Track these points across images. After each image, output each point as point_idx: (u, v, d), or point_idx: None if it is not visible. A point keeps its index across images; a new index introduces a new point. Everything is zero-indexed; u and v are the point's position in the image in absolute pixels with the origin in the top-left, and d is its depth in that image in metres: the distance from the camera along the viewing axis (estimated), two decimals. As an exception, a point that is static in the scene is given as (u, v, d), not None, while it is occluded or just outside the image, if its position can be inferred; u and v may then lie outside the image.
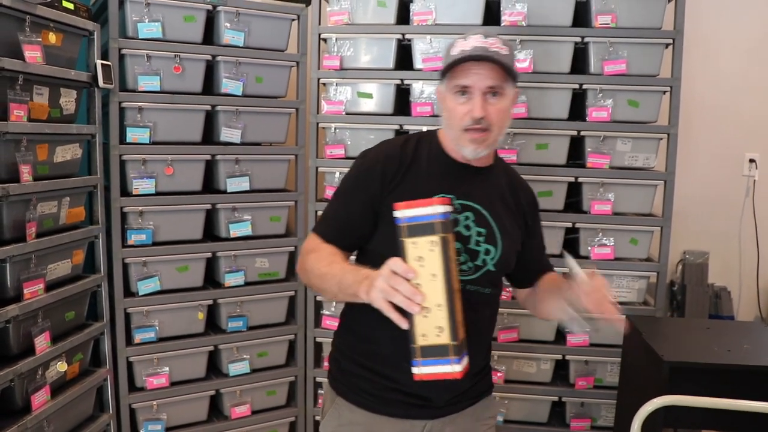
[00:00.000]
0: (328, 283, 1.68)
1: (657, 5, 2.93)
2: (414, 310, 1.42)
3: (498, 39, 1.71)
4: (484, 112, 1.67)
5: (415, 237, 1.44)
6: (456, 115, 1.71)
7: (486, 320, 1.88)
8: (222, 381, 3.10)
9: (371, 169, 1.78)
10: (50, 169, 2.51)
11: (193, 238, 3.03)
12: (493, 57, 1.66)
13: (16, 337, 2.29)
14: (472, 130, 1.69)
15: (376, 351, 1.78)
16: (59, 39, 2.51)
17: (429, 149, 1.82)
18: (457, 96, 1.71)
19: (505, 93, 1.71)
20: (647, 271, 3.03)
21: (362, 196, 1.77)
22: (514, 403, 3.12)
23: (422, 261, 1.43)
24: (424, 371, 1.45)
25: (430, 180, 1.76)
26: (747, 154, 3.58)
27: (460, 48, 1.70)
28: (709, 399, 1.97)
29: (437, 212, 1.43)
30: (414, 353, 1.45)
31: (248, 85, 3.03)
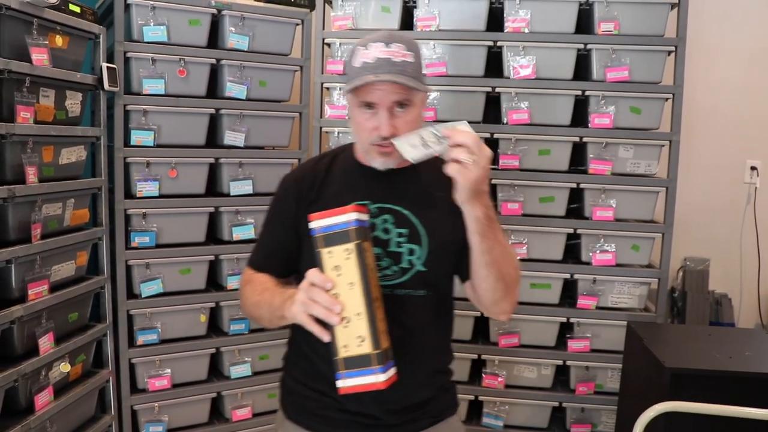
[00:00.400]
0: (261, 309, 1.67)
1: (660, 13, 2.94)
2: (333, 321, 1.39)
3: (401, 44, 1.61)
4: (392, 129, 1.59)
5: (330, 246, 1.41)
6: (363, 129, 1.64)
7: (427, 325, 1.73)
8: (223, 383, 3.11)
9: (286, 191, 1.78)
10: (55, 170, 2.52)
11: (196, 241, 3.04)
12: (396, 74, 1.56)
13: (21, 338, 2.29)
14: (380, 145, 1.62)
15: (316, 369, 1.71)
16: (65, 42, 2.52)
17: (344, 162, 1.78)
18: (363, 110, 1.63)
19: (413, 102, 1.63)
20: (648, 278, 3.04)
21: (282, 220, 1.77)
22: (515, 408, 3.13)
23: (339, 270, 1.41)
24: (348, 383, 1.41)
25: (345, 192, 1.71)
26: (748, 162, 3.59)
27: (362, 59, 1.60)
28: (711, 405, 1.97)
29: (351, 219, 1.41)
30: (337, 366, 1.41)
31: (252, 88, 3.04)
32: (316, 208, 1.65)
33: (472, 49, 3.02)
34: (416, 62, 1.63)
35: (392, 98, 1.59)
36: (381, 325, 1.43)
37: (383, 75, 1.56)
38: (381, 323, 1.43)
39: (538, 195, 3.03)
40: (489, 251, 1.54)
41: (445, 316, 1.81)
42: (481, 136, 2.97)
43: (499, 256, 1.56)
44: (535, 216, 3.04)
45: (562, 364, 3.10)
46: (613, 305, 3.05)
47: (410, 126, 1.61)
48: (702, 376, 2.32)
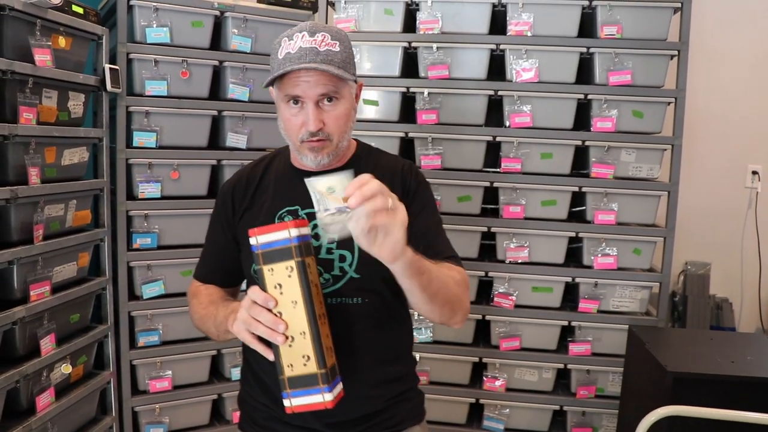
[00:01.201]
0: (207, 324, 1.64)
1: (663, 17, 2.94)
2: (277, 341, 1.34)
3: (327, 33, 1.52)
4: (320, 124, 1.52)
5: (271, 264, 1.35)
6: (291, 126, 1.56)
7: (367, 334, 1.63)
8: (224, 385, 3.10)
9: (223, 197, 1.74)
10: (58, 172, 2.52)
11: (198, 243, 3.01)
12: (320, 63, 1.48)
13: (22, 339, 2.29)
14: (310, 141, 1.55)
15: (261, 382, 1.68)
16: (68, 43, 2.52)
17: (278, 165, 1.73)
18: (290, 106, 1.55)
19: (342, 95, 1.55)
20: (650, 282, 3.04)
21: (221, 227, 1.73)
22: (515, 412, 3.12)
23: (281, 288, 1.36)
24: (294, 403, 1.37)
25: (276, 196, 1.66)
26: (750, 166, 3.59)
27: (286, 50, 1.51)
28: (713, 410, 1.97)
29: (292, 236, 1.35)
30: (282, 385, 1.37)
31: (255, 90, 3.05)
32: (249, 216, 1.67)
33: (474, 52, 3.02)
34: (343, 51, 1.54)
35: (318, 91, 1.51)
36: (326, 341, 1.39)
37: (305, 64, 1.48)
38: (326, 340, 1.39)
39: (540, 198, 3.03)
40: (425, 288, 1.40)
41: (393, 323, 1.70)
42: (484, 139, 3.01)
43: (437, 285, 1.44)
44: (537, 219, 3.04)
45: (563, 368, 3.10)
46: (614, 309, 3.05)
47: (339, 121, 1.55)
48: (704, 380, 2.32)
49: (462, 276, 1.57)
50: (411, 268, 1.34)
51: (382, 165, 1.69)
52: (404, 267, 1.33)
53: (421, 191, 1.69)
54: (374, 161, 1.71)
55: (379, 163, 1.71)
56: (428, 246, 1.57)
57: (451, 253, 1.64)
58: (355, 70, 1.62)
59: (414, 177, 1.69)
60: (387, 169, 1.67)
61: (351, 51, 1.59)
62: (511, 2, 2.98)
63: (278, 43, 1.55)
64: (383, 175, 1.58)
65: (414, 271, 1.35)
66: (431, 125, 3.04)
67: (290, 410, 1.37)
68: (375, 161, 1.71)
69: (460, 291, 1.53)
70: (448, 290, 1.48)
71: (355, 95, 1.63)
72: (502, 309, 3.05)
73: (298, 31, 1.52)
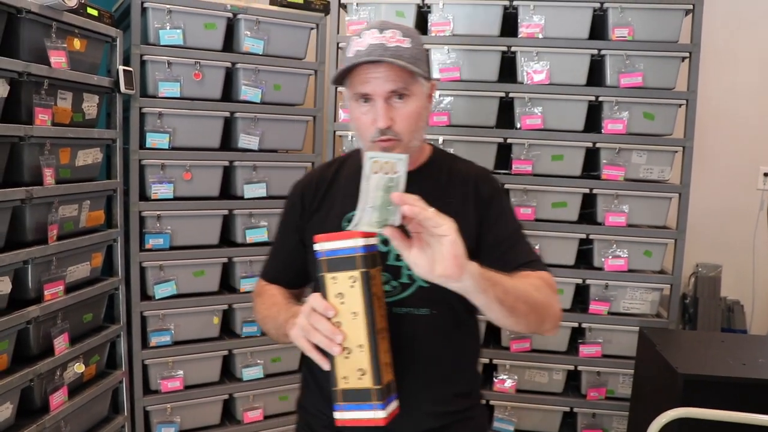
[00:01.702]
0: (269, 325, 1.63)
1: (674, 19, 2.95)
2: (333, 351, 1.30)
3: (398, 30, 1.49)
4: (389, 121, 1.47)
5: (334, 272, 1.31)
6: (362, 125, 1.52)
7: (432, 347, 1.57)
8: (235, 385, 3.12)
9: (293, 198, 1.72)
10: (72, 172, 2.54)
11: (210, 243, 3.05)
12: (388, 57, 1.44)
13: (36, 338, 2.31)
14: (380, 140, 1.49)
15: (322, 387, 1.62)
16: (83, 45, 2.55)
17: (350, 168, 1.68)
18: (360, 104, 1.51)
19: (413, 92, 1.50)
20: (660, 284, 3.04)
21: (290, 229, 1.71)
22: (526, 413, 3.13)
23: (343, 298, 1.32)
24: (345, 416, 1.33)
25: (346, 200, 1.60)
26: (762, 168, 3.58)
27: (355, 48, 1.49)
28: (724, 412, 1.97)
29: (358, 245, 1.30)
30: (335, 396, 1.33)
31: (267, 92, 3.06)
32: (318, 218, 1.63)
33: (485, 55, 3.03)
34: (414, 48, 1.49)
35: (388, 87, 1.47)
36: (384, 357, 1.34)
37: (373, 57, 1.45)
38: (384, 355, 1.35)
39: (550, 200, 3.04)
40: (501, 301, 1.31)
41: (460, 336, 1.63)
42: (495, 141, 3.02)
43: (514, 296, 1.34)
44: (548, 221, 3.05)
45: (574, 369, 3.10)
46: (625, 311, 3.05)
47: (410, 120, 1.50)
48: (715, 382, 2.32)
49: (545, 280, 1.48)
50: (481, 282, 1.26)
51: (455, 171, 1.64)
52: (473, 281, 1.24)
53: (497, 199, 1.62)
54: (448, 167, 1.65)
55: (453, 168, 1.65)
56: (506, 253, 1.54)
57: (531, 258, 1.56)
58: (429, 69, 1.57)
59: (489, 185, 1.63)
60: (460, 176, 1.63)
61: (422, 48, 1.54)
62: (522, 4, 2.99)
63: (349, 42, 1.53)
64: (457, 182, 1.61)
65: (485, 285, 1.27)
66: (442, 127, 3.05)
67: (340, 423, 1.34)
68: (449, 167, 1.65)
69: (545, 296, 1.43)
70: (529, 298, 1.38)
71: (428, 96, 1.58)
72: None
73: (368, 29, 1.50)
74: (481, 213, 1.57)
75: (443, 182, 1.61)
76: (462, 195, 1.58)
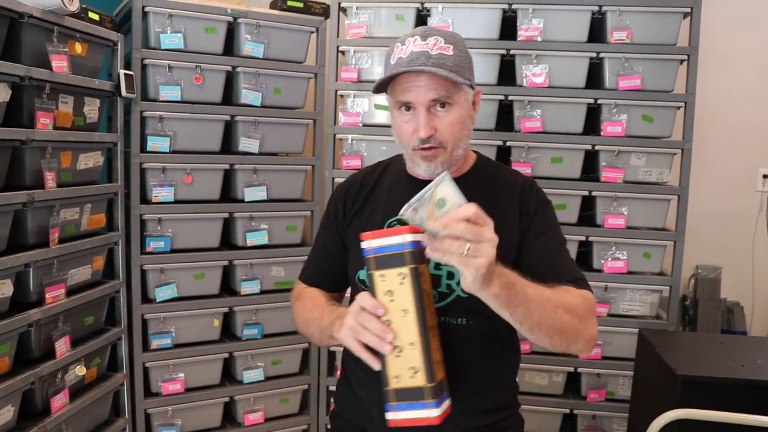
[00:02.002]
0: (311, 328, 1.61)
1: (672, 21, 2.96)
2: (385, 350, 1.29)
3: (440, 37, 1.49)
4: (431, 131, 1.48)
5: (383, 269, 1.31)
6: (403, 134, 1.53)
7: (470, 358, 1.56)
8: (236, 388, 3.13)
9: (335, 200, 1.73)
10: (73, 176, 2.56)
11: (211, 246, 3.06)
12: (430, 66, 1.44)
13: (38, 341, 2.32)
14: (422, 149, 1.50)
15: (356, 394, 1.63)
16: (84, 49, 2.56)
17: (393, 173, 1.69)
18: (402, 112, 1.52)
19: (456, 101, 1.49)
20: (660, 285, 3.05)
21: (332, 231, 1.71)
22: (526, 415, 3.07)
23: (392, 295, 1.31)
24: (398, 416, 1.31)
25: (389, 204, 1.61)
26: (761, 170, 3.58)
27: (398, 56, 1.49)
28: (723, 413, 1.97)
29: (406, 241, 1.29)
30: (387, 397, 1.31)
31: (267, 96, 3.07)
32: (359, 221, 1.63)
33: (485, 58, 3.04)
34: (457, 56, 1.48)
35: (429, 96, 1.46)
36: (436, 355, 1.34)
37: (415, 67, 1.44)
38: (436, 353, 1.34)
39: (550, 202, 3.04)
40: (526, 318, 1.33)
41: (498, 349, 1.62)
42: (494, 143, 3.02)
43: (541, 314, 1.35)
44: (547, 223, 3.05)
45: (574, 371, 3.11)
46: (624, 312, 3.06)
47: (453, 128, 1.50)
48: (714, 383, 2.32)
49: (583, 300, 1.46)
50: (507, 289, 1.28)
51: (500, 180, 1.64)
52: (499, 287, 1.26)
53: (541, 212, 1.60)
54: (493, 175, 1.65)
55: (498, 178, 1.65)
56: (549, 269, 1.51)
57: (575, 276, 1.54)
58: (472, 76, 1.56)
59: (534, 196, 1.61)
60: (505, 185, 1.62)
61: (467, 55, 1.53)
62: (521, 8, 3.00)
63: (391, 49, 1.53)
64: (500, 191, 1.60)
65: (510, 294, 1.28)
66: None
67: (393, 423, 1.32)
68: (493, 175, 1.65)
69: (577, 319, 1.41)
70: (555, 320, 1.37)
71: (473, 102, 1.57)
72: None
73: (411, 36, 1.50)
74: (524, 225, 1.57)
75: (487, 191, 1.59)
76: (506, 205, 1.58)
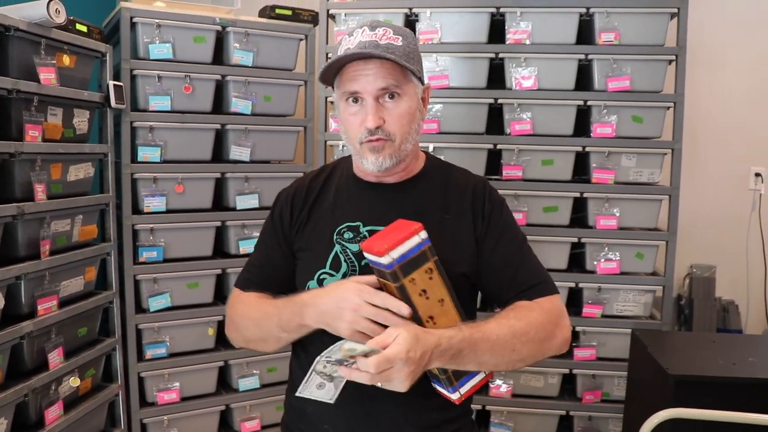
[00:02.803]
0: (267, 325, 1.50)
1: (660, 22, 2.96)
2: (404, 312, 1.29)
3: (389, 28, 1.43)
4: (379, 121, 1.42)
5: (411, 273, 1.30)
6: (351, 127, 1.46)
7: None
8: (232, 396, 3.13)
9: (281, 206, 1.63)
10: (63, 187, 2.56)
11: (204, 255, 3.07)
12: (379, 53, 1.38)
13: (30, 353, 2.32)
14: (370, 141, 1.44)
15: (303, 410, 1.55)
16: (73, 61, 2.57)
17: (340, 176, 1.61)
18: (349, 104, 1.45)
19: (405, 92, 1.44)
20: (653, 285, 3.05)
21: (277, 239, 1.61)
22: (522, 418, 3.13)
23: (426, 293, 1.33)
24: (462, 392, 1.40)
25: (336, 210, 1.55)
26: (753, 168, 3.59)
27: (345, 47, 1.43)
28: (715, 412, 1.98)
29: (423, 238, 1.32)
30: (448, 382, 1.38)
31: (257, 104, 3.08)
32: (307, 230, 1.56)
33: (474, 61, 3.05)
34: (407, 46, 1.43)
35: (378, 85, 1.40)
36: None
37: (362, 51, 1.39)
38: None
39: (541, 205, 3.05)
40: (480, 366, 1.38)
41: None
42: (485, 147, 3.02)
43: (497, 359, 1.36)
44: (539, 226, 3.06)
45: (569, 373, 3.11)
46: (618, 313, 3.06)
47: (402, 120, 1.44)
48: (706, 382, 2.32)
49: (545, 314, 1.45)
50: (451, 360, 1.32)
51: (452, 181, 1.57)
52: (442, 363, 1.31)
53: (497, 214, 1.54)
54: (444, 176, 1.59)
55: (449, 179, 1.58)
56: (510, 282, 1.49)
57: (537, 280, 1.51)
58: (421, 68, 1.50)
59: (488, 199, 1.55)
60: (457, 187, 1.56)
61: (416, 49, 1.47)
62: (509, 11, 3.01)
63: (340, 42, 1.47)
64: (453, 192, 1.55)
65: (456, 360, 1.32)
66: (433, 134, 3.06)
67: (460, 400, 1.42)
68: (445, 177, 1.59)
69: (538, 342, 1.41)
70: (514, 356, 1.38)
71: (422, 98, 1.52)
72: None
73: (359, 27, 1.44)
74: (480, 230, 1.52)
75: (439, 195, 1.55)
76: (458, 207, 1.54)
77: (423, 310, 1.33)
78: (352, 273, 1.48)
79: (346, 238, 1.50)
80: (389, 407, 1.45)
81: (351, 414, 1.47)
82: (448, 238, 1.47)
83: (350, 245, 1.50)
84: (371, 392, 1.33)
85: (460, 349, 1.31)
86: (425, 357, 1.25)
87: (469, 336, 1.32)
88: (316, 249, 1.54)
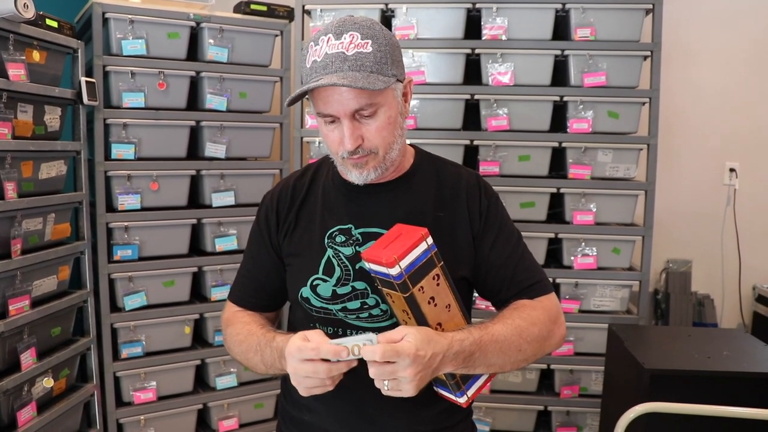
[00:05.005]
0: (253, 360, 1.46)
1: (635, 18, 2.98)
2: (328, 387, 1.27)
3: (355, 33, 1.32)
4: (358, 141, 1.35)
5: (419, 282, 1.28)
6: (331, 143, 1.40)
7: None
8: (209, 395, 3.10)
9: (266, 211, 1.57)
10: (35, 185, 2.52)
11: (179, 253, 3.04)
12: (348, 71, 1.30)
13: (2, 354, 2.29)
14: (352, 159, 1.38)
15: (301, 418, 1.55)
16: (43, 57, 2.53)
17: (325, 177, 1.55)
18: (326, 122, 1.38)
19: (382, 103, 1.35)
20: (630, 280, 3.07)
21: (264, 246, 1.56)
22: (500, 413, 3.14)
23: (434, 300, 1.30)
24: (469, 394, 1.39)
25: (324, 213, 1.50)
26: (727, 163, 3.62)
27: (312, 58, 1.34)
28: (690, 405, 1.99)
29: (430, 244, 1.29)
30: (456, 386, 1.37)
31: (232, 100, 3.06)
32: (296, 235, 1.51)
33: (450, 57, 3.05)
34: (377, 51, 1.33)
35: (351, 107, 1.32)
36: None
37: (329, 76, 1.30)
38: None
39: (518, 200, 3.05)
40: (488, 368, 1.36)
41: None
42: (461, 143, 3.03)
43: (504, 360, 1.35)
44: (517, 221, 3.00)
45: (547, 368, 3.12)
46: (595, 308, 3.08)
47: (382, 133, 1.36)
48: (681, 376, 2.34)
49: (545, 312, 1.43)
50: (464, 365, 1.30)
51: (444, 177, 1.52)
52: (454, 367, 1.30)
53: (493, 211, 1.50)
54: (435, 172, 1.53)
55: (442, 175, 1.53)
56: (509, 282, 1.47)
57: (535, 279, 1.48)
58: (399, 67, 1.40)
59: (483, 195, 1.51)
60: (449, 183, 1.51)
61: (389, 47, 1.36)
62: (485, 6, 3.01)
63: (306, 49, 1.38)
64: (446, 189, 1.50)
65: (467, 364, 1.31)
66: (409, 130, 3.05)
67: (467, 404, 1.42)
68: (437, 172, 1.53)
69: (541, 340, 1.40)
70: (520, 356, 1.37)
71: (403, 95, 1.43)
72: (484, 311, 3.07)
73: (324, 34, 1.34)
74: (477, 227, 1.48)
75: (431, 192, 1.50)
76: (453, 205, 1.49)
77: (431, 318, 1.31)
78: (347, 277, 1.44)
79: (338, 241, 1.45)
80: (390, 416, 1.44)
81: (352, 423, 1.46)
82: (446, 239, 1.43)
83: (343, 249, 1.45)
84: (372, 402, 1.34)
85: (472, 352, 1.29)
86: (436, 359, 1.23)
87: (479, 338, 1.31)
88: (307, 254, 1.49)
